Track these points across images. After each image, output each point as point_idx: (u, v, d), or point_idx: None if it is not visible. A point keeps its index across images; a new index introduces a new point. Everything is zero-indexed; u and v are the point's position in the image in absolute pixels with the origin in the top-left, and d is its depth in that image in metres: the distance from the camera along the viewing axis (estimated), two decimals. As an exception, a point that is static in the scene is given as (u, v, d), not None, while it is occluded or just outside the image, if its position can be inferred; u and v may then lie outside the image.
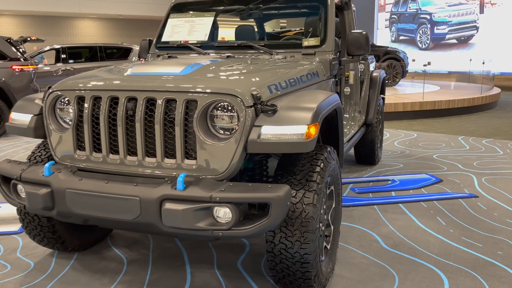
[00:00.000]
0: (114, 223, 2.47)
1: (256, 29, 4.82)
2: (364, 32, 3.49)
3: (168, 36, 3.94)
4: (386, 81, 10.30)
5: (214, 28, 4.75)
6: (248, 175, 2.78)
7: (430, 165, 5.54)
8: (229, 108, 2.33)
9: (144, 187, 2.23)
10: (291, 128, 2.24)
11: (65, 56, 13.01)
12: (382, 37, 21.07)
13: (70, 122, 2.61)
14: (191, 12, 3.97)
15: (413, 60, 15.09)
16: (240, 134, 2.28)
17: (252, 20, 5.20)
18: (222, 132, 2.37)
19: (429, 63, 13.08)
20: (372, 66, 5.29)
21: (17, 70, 8.09)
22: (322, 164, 2.48)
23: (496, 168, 5.43)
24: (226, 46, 3.78)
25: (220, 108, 2.35)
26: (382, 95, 5.53)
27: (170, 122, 2.38)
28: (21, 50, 16.29)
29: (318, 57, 3.36)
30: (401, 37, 20.57)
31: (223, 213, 2.16)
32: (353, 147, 4.85)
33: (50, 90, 2.63)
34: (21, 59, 8.32)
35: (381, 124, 5.66)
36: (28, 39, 17.11)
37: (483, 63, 11.78)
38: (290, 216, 2.34)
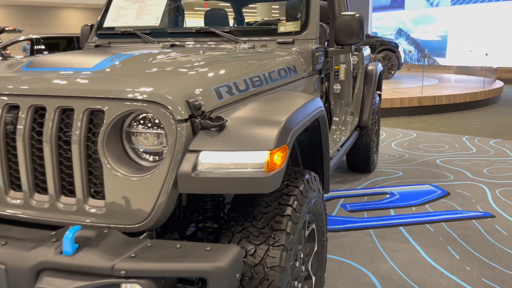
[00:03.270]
0: None
1: (232, 15, 4.05)
2: (357, 15, 2.70)
3: (112, 20, 3.12)
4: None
5: (178, 13, 3.96)
6: (198, 213, 1.98)
7: (434, 173, 4.78)
8: (155, 122, 1.55)
9: (15, 249, 1.44)
10: (245, 156, 1.46)
11: (40, 47, 12.16)
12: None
13: None
14: (141, -10, 3.15)
15: (410, 52, 14.34)
16: (168, 162, 1.49)
17: (229, 5, 4.43)
18: (148, 157, 1.59)
19: (427, 55, 12.33)
20: (366, 58, 4.49)
21: (-30, 62, 7.24)
22: (295, 202, 1.70)
23: (510, 177, 4.68)
24: (183, 32, 2.98)
25: (142, 122, 1.56)
26: (378, 92, 4.75)
27: (69, 142, 1.59)
28: (-2, 40, 15.36)
29: (297, 47, 2.57)
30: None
31: (137, 291, 1.38)
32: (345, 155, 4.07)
33: None
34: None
35: (377, 125, 4.88)
36: (6, 29, 16.21)
37: (486, 54, 11.01)
38: (246, 285, 1.56)
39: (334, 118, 3.70)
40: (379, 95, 4.86)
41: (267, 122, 1.57)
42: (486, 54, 10.97)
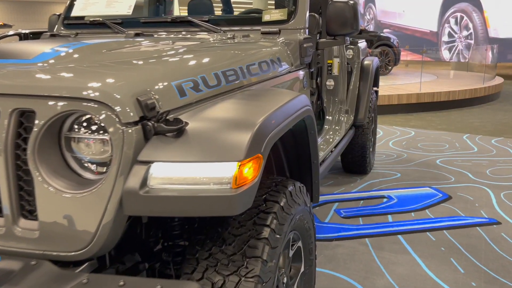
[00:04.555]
0: None
1: (220, 6, 3.76)
2: (351, 2, 2.41)
3: (81, 9, 2.83)
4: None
5: (159, 2, 3.67)
6: (164, 230, 1.69)
7: (434, 175, 4.49)
8: (100, 125, 1.25)
9: None
10: (207, 168, 1.17)
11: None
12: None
13: None
14: (112, -25, 2.85)
15: (407, 48, 14.04)
16: (114, 175, 1.20)
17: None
18: (93, 168, 1.30)
19: (425, 50, 12.06)
20: (363, 53, 4.20)
21: None
22: (274, 221, 1.41)
23: (515, 178, 4.41)
24: (158, 22, 2.69)
25: (84, 126, 1.27)
26: (375, 88, 4.47)
27: None
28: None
29: (284, 37, 2.28)
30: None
31: None
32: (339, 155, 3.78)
33: None
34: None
35: (374, 124, 4.60)
36: (-3, 24, 15.91)
37: (486, 49, 10.72)
38: (211, 326, 1.27)
39: (327, 117, 3.41)
40: (376, 92, 4.58)
41: (238, 125, 1.28)
42: (486, 50, 10.68)
